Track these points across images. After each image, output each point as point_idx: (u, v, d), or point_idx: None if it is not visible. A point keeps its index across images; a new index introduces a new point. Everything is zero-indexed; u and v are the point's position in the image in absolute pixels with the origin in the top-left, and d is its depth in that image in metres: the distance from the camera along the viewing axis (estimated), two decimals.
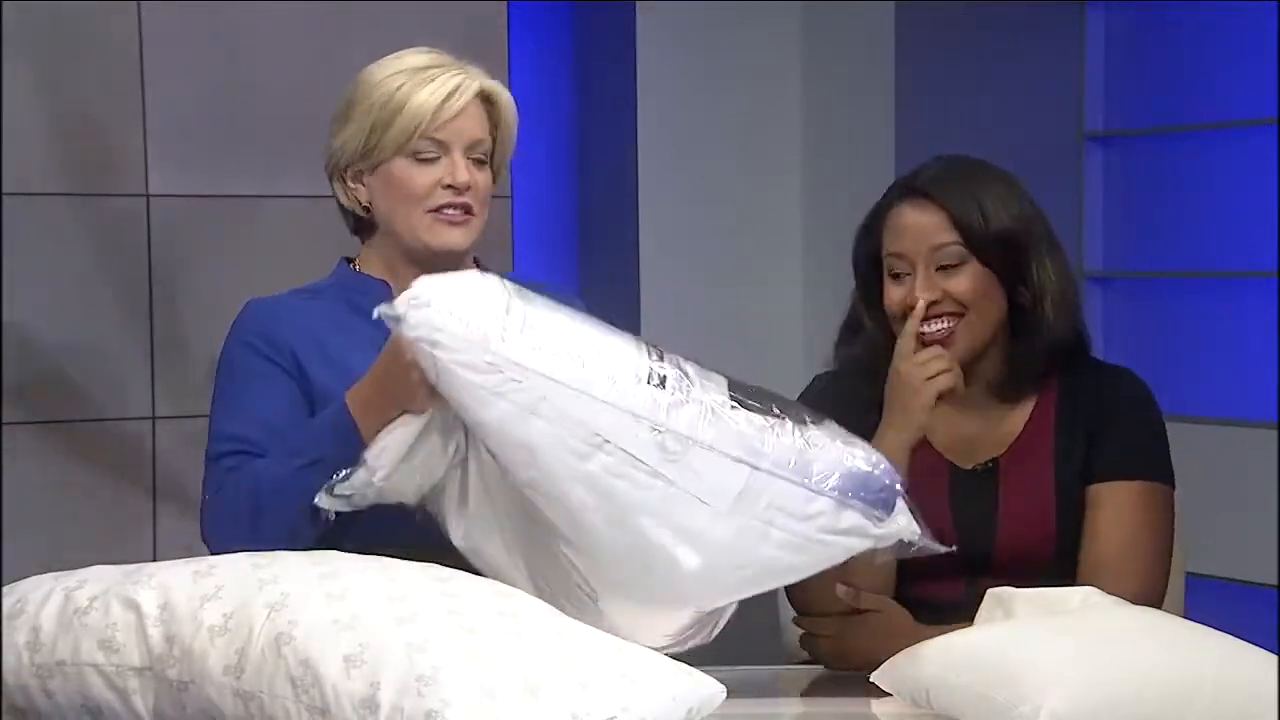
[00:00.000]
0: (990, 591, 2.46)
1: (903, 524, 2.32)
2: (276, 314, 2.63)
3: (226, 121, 4.10)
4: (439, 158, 2.61)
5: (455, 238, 2.63)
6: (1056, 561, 2.68)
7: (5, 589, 2.17)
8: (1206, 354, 4.87)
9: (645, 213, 5.29)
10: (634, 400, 2.21)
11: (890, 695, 2.36)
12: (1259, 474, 4.52)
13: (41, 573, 2.20)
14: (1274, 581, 4.36)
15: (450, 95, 2.60)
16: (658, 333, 5.30)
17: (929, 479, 2.68)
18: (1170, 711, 2.17)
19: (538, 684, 1.94)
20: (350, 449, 2.34)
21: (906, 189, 2.72)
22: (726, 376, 2.32)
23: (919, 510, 2.62)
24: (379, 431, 2.34)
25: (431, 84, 2.60)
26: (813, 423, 2.30)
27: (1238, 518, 4.51)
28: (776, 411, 2.29)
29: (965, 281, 2.68)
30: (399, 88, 2.60)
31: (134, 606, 2.07)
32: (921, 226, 2.69)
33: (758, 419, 2.27)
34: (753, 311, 5.37)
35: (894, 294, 2.71)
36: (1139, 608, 2.44)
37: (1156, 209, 5.01)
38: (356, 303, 2.63)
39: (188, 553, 2.26)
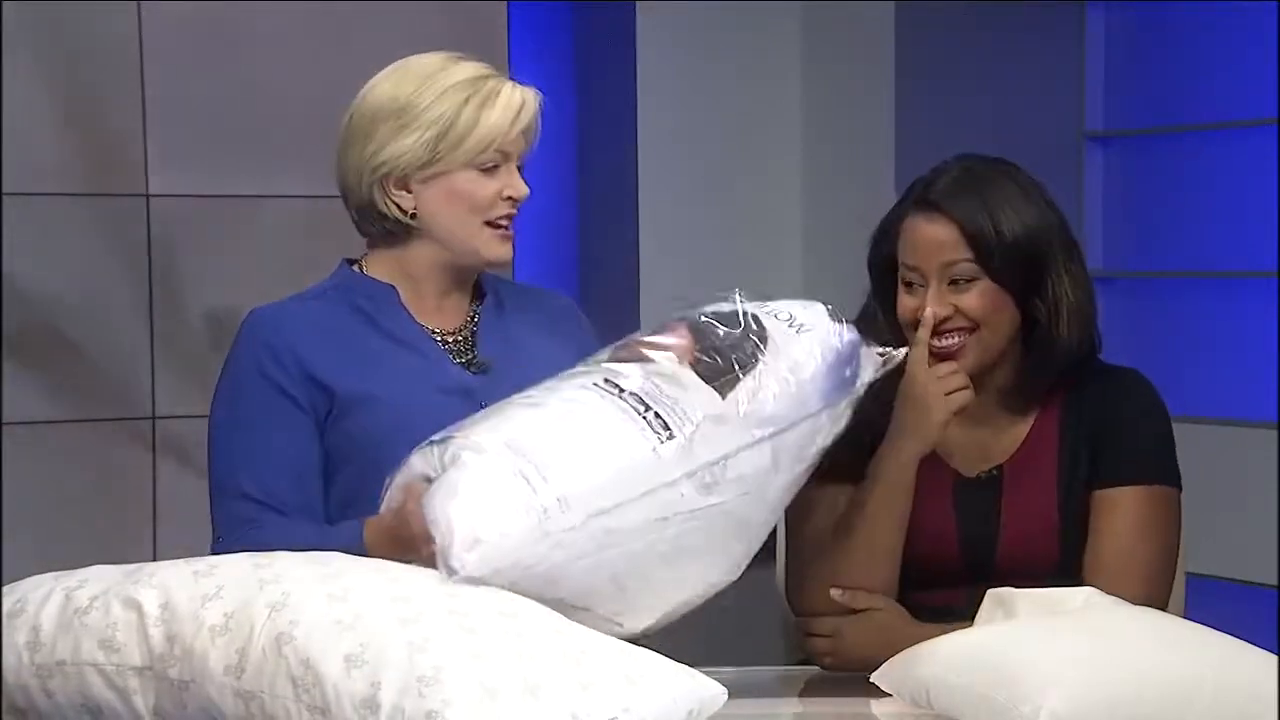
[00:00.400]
0: (990, 592, 2.45)
1: (870, 367, 2.45)
2: (280, 323, 2.60)
3: (226, 121, 4.10)
4: (498, 167, 2.62)
5: (507, 251, 2.65)
6: (1060, 569, 2.67)
7: (6, 588, 2.17)
8: (1206, 354, 4.87)
9: (645, 213, 5.28)
10: (664, 470, 2.25)
11: (890, 695, 2.36)
12: (1259, 474, 4.53)
13: (41, 573, 2.20)
14: (1274, 581, 4.36)
15: (520, 110, 2.62)
16: None
17: (933, 485, 2.68)
18: (1170, 711, 2.17)
19: (539, 685, 1.94)
20: None
21: (920, 200, 2.69)
22: (687, 365, 2.34)
23: (922, 517, 2.65)
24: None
25: (499, 98, 2.60)
26: (764, 341, 2.37)
27: (1238, 518, 4.51)
28: (740, 357, 2.35)
29: (977, 299, 2.66)
30: (466, 101, 2.59)
31: (135, 606, 2.07)
32: (934, 241, 2.66)
33: (744, 386, 2.32)
34: None
35: (906, 303, 2.70)
36: (1139, 608, 2.44)
37: (1156, 209, 5.01)
38: (361, 306, 2.63)
39: (188, 552, 2.26)
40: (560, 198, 5.32)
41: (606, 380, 2.32)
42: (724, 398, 2.31)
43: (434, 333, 2.65)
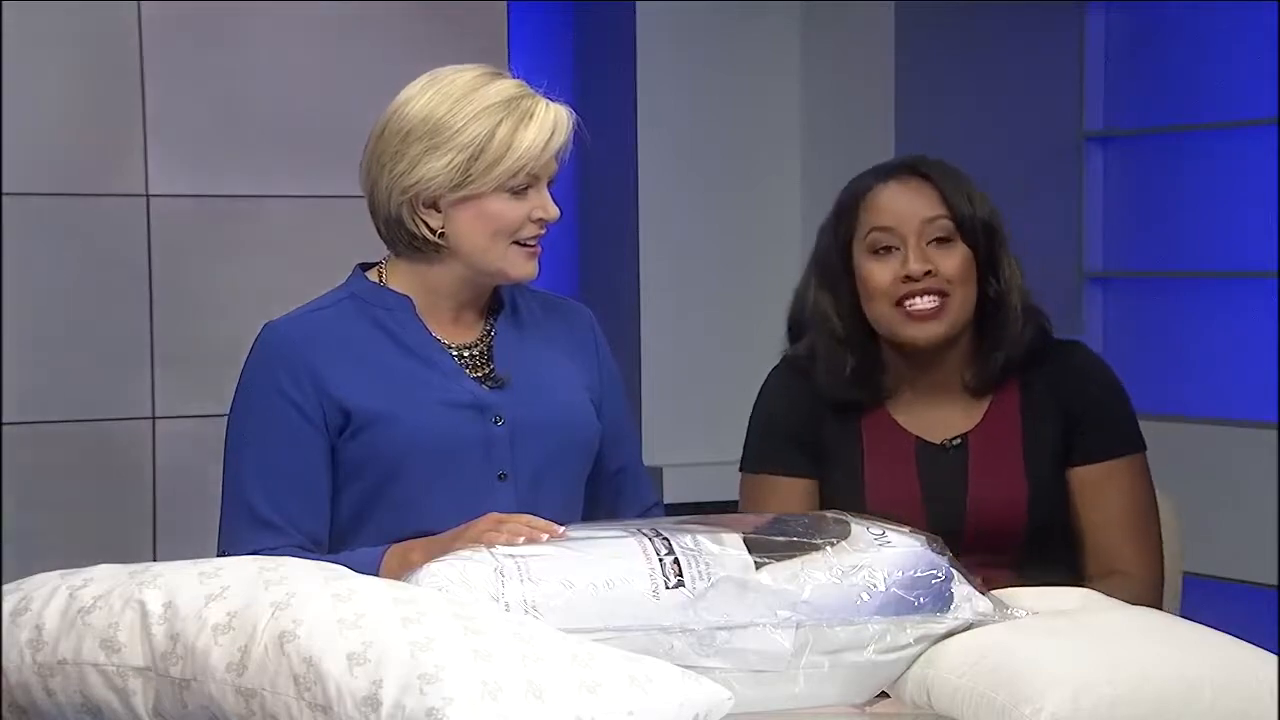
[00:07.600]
0: (989, 594, 2.46)
1: (968, 614, 2.31)
2: (297, 339, 2.58)
3: (226, 121, 4.10)
4: (529, 189, 2.60)
5: (534, 268, 2.62)
6: (1026, 537, 2.71)
7: (12, 585, 2.17)
8: (1206, 354, 4.87)
9: (645, 213, 5.29)
10: (660, 615, 2.19)
11: (889, 695, 2.36)
12: (1259, 474, 4.53)
13: (42, 573, 2.20)
14: (1274, 581, 4.37)
15: (554, 132, 2.59)
16: (658, 331, 5.32)
17: (896, 453, 2.71)
18: (1170, 711, 2.17)
19: (543, 686, 1.94)
20: None
21: (896, 168, 2.78)
22: (738, 531, 2.30)
23: (888, 485, 2.66)
24: None
25: (533, 121, 2.57)
26: (839, 536, 2.30)
27: (1238, 518, 4.51)
28: (802, 542, 2.28)
29: (955, 259, 2.72)
30: (500, 123, 2.55)
31: (139, 606, 2.07)
32: (914, 200, 2.73)
33: (787, 567, 2.25)
34: (752, 312, 5.37)
35: (881, 273, 2.73)
36: (1138, 608, 2.45)
37: (1156, 209, 5.02)
38: (379, 318, 2.61)
39: (187, 553, 2.26)
40: (560, 198, 5.32)
41: (657, 529, 2.28)
42: (758, 569, 2.24)
43: (449, 346, 2.63)
